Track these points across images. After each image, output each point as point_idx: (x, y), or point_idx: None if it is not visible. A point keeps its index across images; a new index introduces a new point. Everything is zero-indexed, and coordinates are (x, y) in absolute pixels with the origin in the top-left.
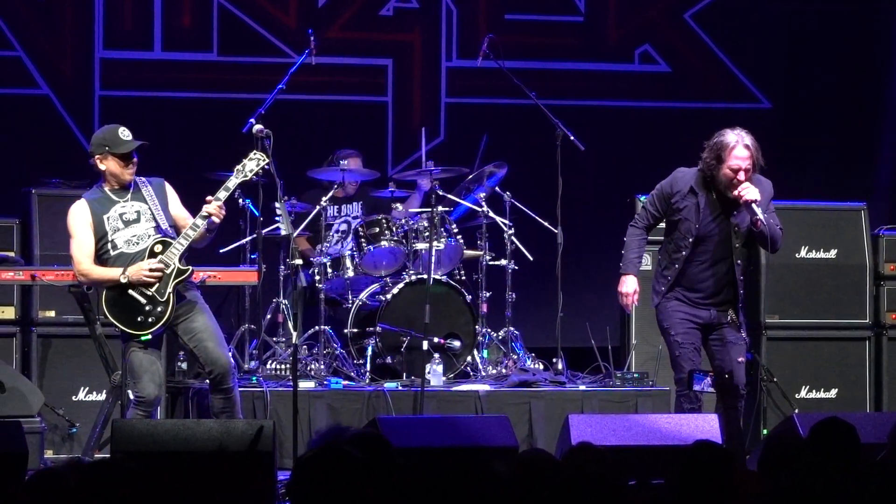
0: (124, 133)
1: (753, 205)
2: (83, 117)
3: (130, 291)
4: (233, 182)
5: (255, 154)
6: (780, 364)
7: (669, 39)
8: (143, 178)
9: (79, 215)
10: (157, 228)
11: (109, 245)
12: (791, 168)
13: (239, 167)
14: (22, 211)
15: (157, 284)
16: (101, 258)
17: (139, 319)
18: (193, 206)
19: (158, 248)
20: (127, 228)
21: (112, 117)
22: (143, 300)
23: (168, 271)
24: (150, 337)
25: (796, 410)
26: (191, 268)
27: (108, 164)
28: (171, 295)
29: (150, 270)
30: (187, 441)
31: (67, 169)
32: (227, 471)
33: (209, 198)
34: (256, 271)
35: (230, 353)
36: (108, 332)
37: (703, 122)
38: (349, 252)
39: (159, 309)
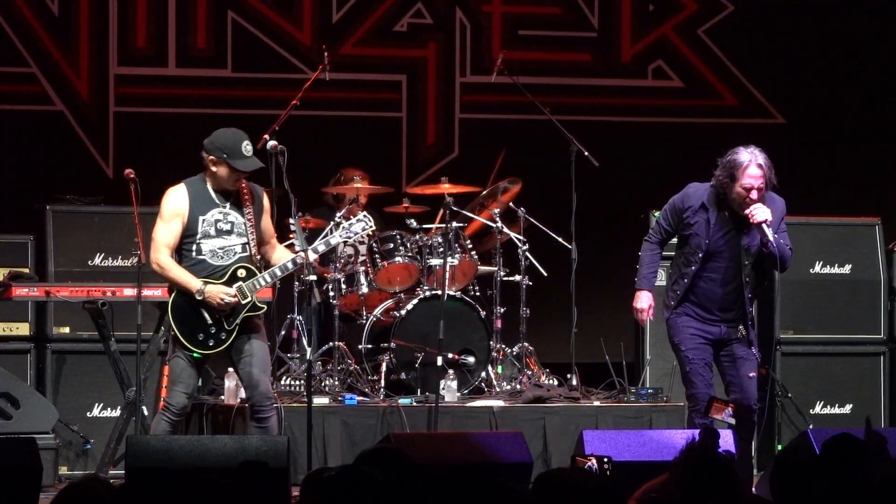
0: (247, 148)
1: (764, 225)
2: (98, 134)
3: (201, 307)
4: (335, 239)
5: (364, 216)
6: (794, 379)
7: (683, 55)
8: (245, 184)
9: (175, 203)
10: (246, 246)
11: (195, 247)
12: (805, 183)
13: (345, 224)
14: (36, 227)
15: (228, 310)
16: (182, 256)
17: (199, 337)
18: None
19: (242, 272)
20: (217, 238)
21: (127, 133)
22: (210, 320)
23: (244, 302)
24: (200, 356)
25: (811, 426)
26: (265, 307)
27: (218, 169)
28: (238, 326)
29: (227, 301)
30: (202, 457)
31: (82, 185)
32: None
33: (307, 249)
34: (271, 287)
35: (271, 384)
36: (123, 348)
37: (717, 137)
38: (363, 268)
39: (222, 336)
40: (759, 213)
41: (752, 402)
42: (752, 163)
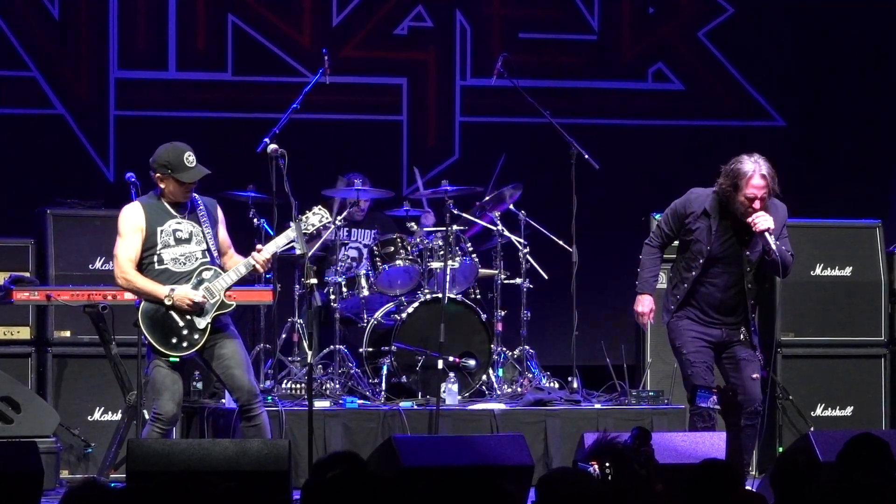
0: (189, 159)
1: (766, 234)
2: (98, 137)
3: (170, 311)
4: (293, 233)
5: (318, 209)
6: (795, 382)
7: (683, 57)
8: (198, 197)
9: (132, 218)
10: (206, 252)
11: (156, 258)
12: (806, 186)
13: (302, 217)
14: (37, 231)
15: (197, 311)
16: (145, 269)
17: (173, 341)
18: None
19: (206, 274)
20: (177, 247)
21: (127, 137)
22: (181, 322)
23: (212, 301)
24: (178, 359)
25: (812, 428)
26: (234, 304)
27: (166, 184)
28: (209, 325)
29: (196, 302)
30: (203, 461)
31: (82, 189)
32: (243, 491)
33: (259, 247)
34: (271, 291)
35: (255, 381)
36: (124, 351)
37: (717, 140)
38: (364, 271)
39: (195, 336)
40: (762, 221)
41: (756, 403)
42: (755, 173)
